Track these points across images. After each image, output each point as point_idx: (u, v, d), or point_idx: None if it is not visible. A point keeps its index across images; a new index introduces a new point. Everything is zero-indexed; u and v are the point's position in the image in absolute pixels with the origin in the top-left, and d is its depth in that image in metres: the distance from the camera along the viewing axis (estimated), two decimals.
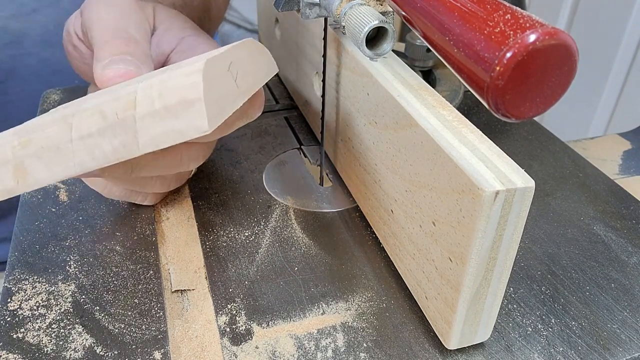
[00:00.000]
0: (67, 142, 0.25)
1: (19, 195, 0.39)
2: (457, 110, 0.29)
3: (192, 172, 0.41)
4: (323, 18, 0.34)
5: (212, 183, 0.42)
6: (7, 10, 0.57)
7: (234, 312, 0.31)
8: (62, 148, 0.26)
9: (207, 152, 0.36)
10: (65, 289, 0.32)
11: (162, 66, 0.40)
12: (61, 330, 0.30)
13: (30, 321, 0.30)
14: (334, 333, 0.30)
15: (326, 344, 0.30)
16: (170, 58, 0.39)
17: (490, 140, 0.26)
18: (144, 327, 0.30)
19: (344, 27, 0.29)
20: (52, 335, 0.29)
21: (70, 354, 0.28)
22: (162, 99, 0.24)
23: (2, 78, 0.59)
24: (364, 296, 0.33)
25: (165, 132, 0.24)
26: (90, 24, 0.33)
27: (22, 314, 0.31)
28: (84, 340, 0.29)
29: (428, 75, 0.49)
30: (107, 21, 0.33)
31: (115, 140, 0.25)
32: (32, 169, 0.26)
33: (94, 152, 0.25)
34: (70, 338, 0.29)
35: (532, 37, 0.18)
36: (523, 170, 0.24)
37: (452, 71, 0.22)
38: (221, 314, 0.31)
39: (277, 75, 0.57)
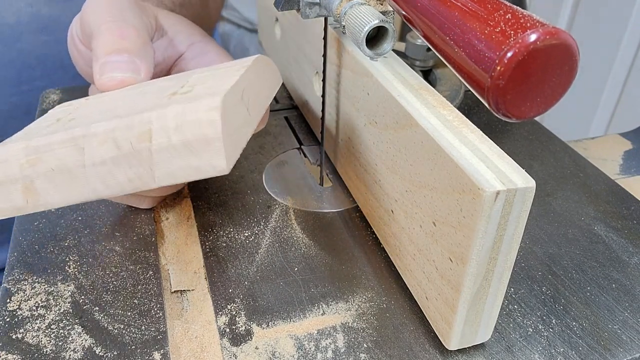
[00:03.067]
0: (79, 167, 0.25)
1: None
2: (457, 110, 0.29)
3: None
4: (323, 17, 0.34)
5: (212, 183, 0.42)
6: None
7: (234, 312, 0.31)
8: (74, 173, 0.25)
9: None
10: (64, 290, 0.32)
11: (170, 70, 0.40)
12: (60, 331, 0.30)
13: (29, 322, 0.30)
14: (334, 333, 0.30)
15: (326, 344, 0.30)
16: (177, 63, 0.39)
17: (490, 140, 0.26)
18: (143, 327, 0.30)
19: (344, 26, 0.29)
20: (52, 335, 0.29)
21: (70, 355, 0.28)
22: (179, 134, 0.24)
23: (34, 63, 0.59)
24: (364, 296, 0.32)
25: (182, 168, 0.24)
26: (87, 19, 0.33)
27: (22, 314, 0.31)
28: (84, 341, 0.29)
29: (428, 75, 0.49)
30: (103, 11, 0.33)
31: (131, 172, 0.25)
32: (43, 191, 0.26)
33: (108, 180, 0.25)
34: (70, 338, 0.29)
35: (533, 37, 0.18)
36: (524, 170, 0.24)
37: (453, 71, 0.22)
38: (221, 315, 0.31)
39: None
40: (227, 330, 0.30)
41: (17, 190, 0.26)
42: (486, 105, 0.20)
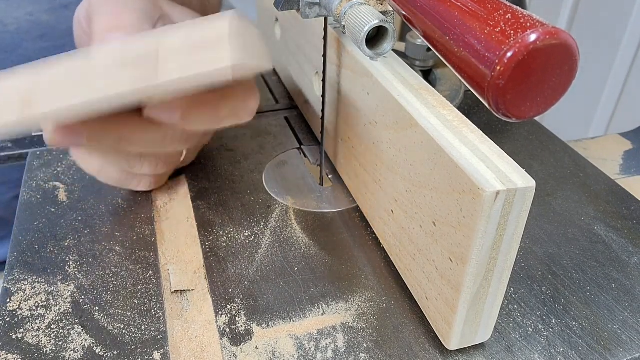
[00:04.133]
0: (87, 69, 0.25)
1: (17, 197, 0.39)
2: (457, 110, 0.29)
3: (182, 159, 0.40)
4: (323, 17, 0.34)
5: (212, 183, 0.42)
6: (42, 4, 0.59)
7: (234, 312, 0.31)
8: (78, 79, 0.25)
9: (190, 139, 0.36)
10: (64, 289, 0.32)
11: None
12: (60, 331, 0.30)
13: (29, 321, 0.30)
14: (334, 333, 0.30)
15: (326, 344, 0.30)
16: None
17: (490, 140, 0.26)
18: (143, 327, 0.30)
19: (344, 26, 0.29)
20: (52, 335, 0.29)
21: (70, 355, 0.28)
22: (188, 39, 0.24)
23: None
24: (364, 296, 0.32)
25: (186, 65, 0.24)
26: (92, 3, 0.34)
27: (22, 314, 0.31)
28: (84, 341, 0.29)
29: (428, 75, 0.49)
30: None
31: (135, 72, 0.25)
32: (42, 100, 0.26)
33: (112, 82, 0.25)
34: (70, 338, 0.29)
35: (533, 37, 0.18)
36: (524, 170, 0.24)
37: (453, 71, 0.22)
38: (221, 315, 0.31)
39: (277, 75, 0.57)
40: (227, 330, 0.30)
41: (13, 105, 0.26)
42: (486, 105, 0.20)
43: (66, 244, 0.35)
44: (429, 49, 0.46)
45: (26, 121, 0.26)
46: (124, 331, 0.30)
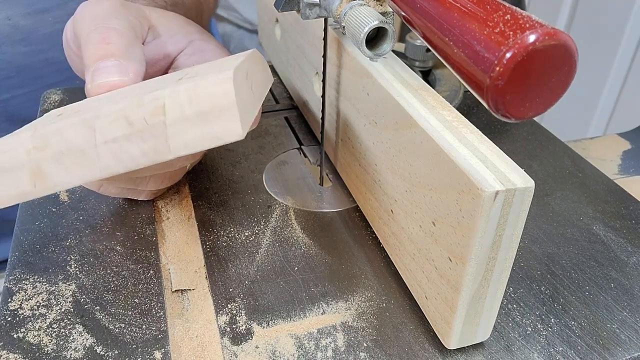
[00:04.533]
0: (91, 146, 0.26)
1: None
2: (457, 111, 0.29)
3: (186, 170, 0.41)
4: (323, 18, 0.34)
5: (212, 183, 0.42)
6: (21, 8, 0.59)
7: (234, 311, 0.31)
8: (86, 152, 0.26)
9: (195, 155, 0.36)
10: (65, 289, 0.32)
11: (169, 68, 0.40)
12: (62, 330, 0.30)
13: (30, 321, 0.30)
14: (334, 333, 0.30)
15: (326, 343, 0.30)
16: (177, 59, 0.39)
17: (490, 141, 0.26)
18: (144, 326, 0.30)
19: (344, 27, 0.29)
20: (53, 335, 0.29)
21: (71, 354, 0.28)
22: (194, 106, 0.24)
23: (13, 73, 0.61)
24: (364, 296, 0.33)
25: (199, 137, 0.25)
26: (77, 26, 0.34)
27: (23, 313, 0.31)
28: (85, 340, 0.29)
29: (428, 76, 0.49)
30: (88, 19, 0.33)
31: (145, 145, 0.25)
32: (51, 174, 0.26)
33: (120, 156, 0.26)
34: (71, 338, 0.29)
35: (532, 38, 0.18)
36: (523, 171, 0.24)
37: (452, 71, 0.22)
38: (221, 314, 0.31)
39: (277, 75, 0.57)
40: (228, 329, 0.30)
41: (24, 176, 0.27)
42: (485, 105, 0.20)
43: (67, 243, 0.35)
44: (428, 50, 0.46)
45: (39, 193, 0.27)
46: (125, 330, 0.30)
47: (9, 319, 0.30)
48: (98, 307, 0.31)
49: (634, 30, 0.90)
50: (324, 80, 0.38)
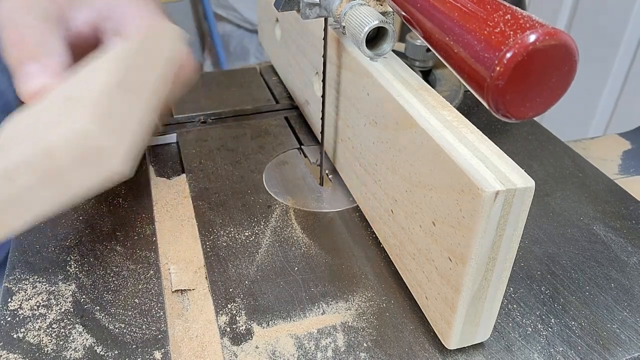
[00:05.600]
0: (16, 196, 0.26)
1: None
2: (457, 111, 0.29)
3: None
4: (323, 18, 0.34)
5: (212, 183, 0.42)
6: None
7: (234, 312, 0.31)
8: (14, 201, 0.27)
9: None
10: (65, 289, 0.32)
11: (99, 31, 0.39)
12: (61, 330, 0.30)
13: (30, 321, 0.30)
14: (334, 333, 0.30)
15: (326, 343, 0.30)
16: (102, 27, 0.38)
17: (490, 141, 0.26)
18: (144, 326, 0.30)
19: (344, 27, 0.29)
20: (53, 335, 0.29)
21: (71, 354, 0.28)
22: (73, 149, 0.25)
23: None
24: (364, 296, 0.33)
25: (89, 178, 0.25)
26: None
27: (23, 313, 0.31)
28: (84, 340, 0.29)
29: (428, 75, 0.49)
30: (4, 16, 0.33)
31: (53, 190, 0.26)
32: (4, 223, 0.28)
33: (41, 201, 0.27)
34: (71, 338, 0.29)
35: (532, 38, 0.18)
36: (523, 171, 0.24)
37: (452, 71, 0.22)
38: (221, 314, 0.31)
39: (277, 75, 0.57)
40: (228, 329, 0.30)
41: None
42: (486, 105, 0.20)
43: (67, 243, 0.35)
44: (428, 50, 0.46)
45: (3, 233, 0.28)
46: (124, 330, 0.30)
47: (8, 319, 0.30)
48: (98, 307, 0.31)
49: (634, 30, 0.90)
50: (324, 80, 0.38)
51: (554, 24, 0.18)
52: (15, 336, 0.29)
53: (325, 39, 0.36)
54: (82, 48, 0.35)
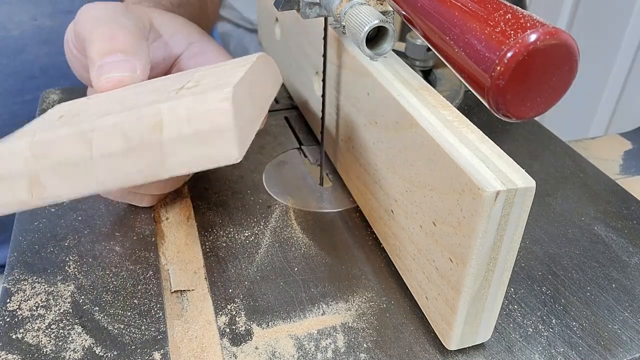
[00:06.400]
0: (87, 159, 0.25)
1: None
2: (457, 110, 0.29)
3: (190, 175, 0.40)
4: (323, 17, 0.34)
5: (212, 183, 0.42)
6: (46, 8, 0.59)
7: (234, 312, 0.31)
8: (82, 165, 0.25)
9: None
10: (64, 290, 0.32)
11: (169, 71, 0.40)
12: (60, 331, 0.30)
13: (29, 321, 0.30)
14: (334, 333, 0.30)
15: (326, 344, 0.30)
16: (177, 63, 0.39)
17: (490, 140, 0.26)
18: (143, 327, 0.30)
19: (344, 26, 0.29)
20: (52, 335, 0.29)
21: (70, 355, 0.28)
22: (192, 125, 0.24)
23: (37, 74, 0.61)
24: (364, 296, 0.32)
25: (195, 158, 0.24)
26: (80, 27, 0.34)
27: (22, 314, 0.31)
28: (84, 341, 0.29)
29: (428, 75, 0.49)
30: (93, 18, 0.33)
31: (141, 163, 0.25)
32: (49, 185, 0.26)
33: (116, 172, 0.25)
34: (70, 338, 0.29)
35: (533, 37, 0.18)
36: (524, 171, 0.24)
37: (453, 71, 0.22)
38: (221, 315, 0.31)
39: None
40: (227, 330, 0.30)
41: (22, 184, 0.26)
42: (486, 105, 0.20)
43: (66, 244, 0.35)
44: (429, 49, 0.46)
45: (37, 203, 0.26)
46: (124, 331, 0.30)
47: (7, 319, 0.30)
48: (97, 308, 0.31)
49: (635, 30, 0.90)
50: (324, 80, 0.37)
51: (554, 24, 0.18)
52: (14, 337, 0.29)
53: (325, 38, 0.36)
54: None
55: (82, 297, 0.32)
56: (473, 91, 0.20)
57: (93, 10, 0.34)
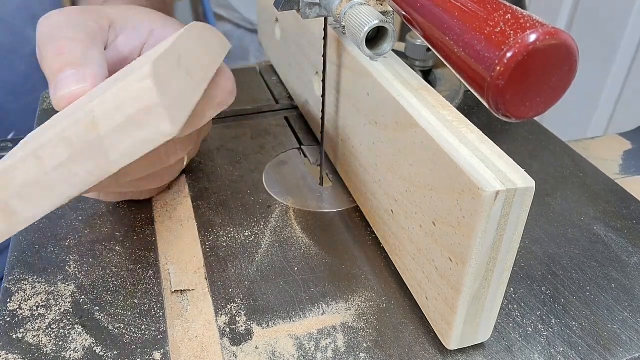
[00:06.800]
0: (43, 175, 0.25)
1: None
2: (457, 110, 0.29)
3: (185, 164, 0.40)
4: (323, 18, 0.34)
5: (212, 183, 0.42)
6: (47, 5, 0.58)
7: (234, 312, 0.31)
8: (41, 182, 0.26)
9: (187, 144, 0.36)
10: (64, 289, 0.32)
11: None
12: (61, 331, 0.30)
13: (29, 321, 0.30)
14: (334, 333, 0.30)
15: (326, 344, 0.30)
16: (143, 51, 0.39)
17: (490, 140, 0.26)
18: (143, 327, 0.30)
19: (344, 27, 0.29)
20: (52, 335, 0.29)
21: (70, 354, 0.28)
22: (121, 112, 0.24)
23: (37, 73, 0.61)
24: (364, 296, 0.33)
25: (133, 144, 0.25)
26: (37, 40, 0.34)
27: (22, 314, 0.31)
28: (84, 341, 0.29)
29: (428, 75, 0.49)
30: (45, 30, 0.33)
31: (89, 163, 0.25)
32: (19, 209, 0.26)
33: (71, 179, 0.25)
34: (70, 338, 0.29)
35: (533, 37, 0.18)
36: (523, 171, 0.24)
37: (453, 71, 0.22)
38: (221, 314, 0.31)
39: (277, 75, 0.57)
40: (228, 330, 0.30)
41: None
42: (486, 105, 0.20)
43: (66, 243, 0.35)
44: (428, 49, 0.46)
45: (14, 230, 0.27)
46: (124, 331, 0.30)
47: (8, 319, 0.30)
48: (97, 308, 0.31)
49: (634, 30, 0.90)
50: (324, 80, 0.37)
51: (554, 24, 0.18)
52: (14, 337, 0.29)
53: (325, 38, 0.36)
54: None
55: (83, 296, 0.32)
56: (473, 91, 0.20)
57: (46, 22, 0.34)
